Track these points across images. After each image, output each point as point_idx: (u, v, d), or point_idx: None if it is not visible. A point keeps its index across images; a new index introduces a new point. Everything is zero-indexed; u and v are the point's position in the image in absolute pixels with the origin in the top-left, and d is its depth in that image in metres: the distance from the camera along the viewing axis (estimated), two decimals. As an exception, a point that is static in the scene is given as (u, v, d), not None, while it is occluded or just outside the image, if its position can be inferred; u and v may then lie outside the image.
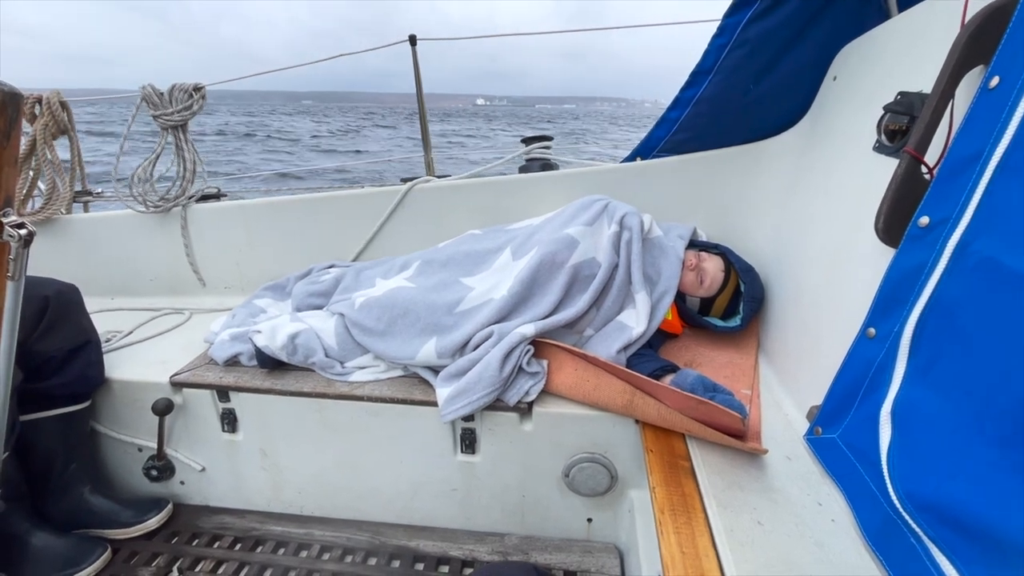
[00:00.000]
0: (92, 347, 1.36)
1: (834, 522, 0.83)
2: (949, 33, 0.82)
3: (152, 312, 1.83)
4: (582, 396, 1.20)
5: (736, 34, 1.39)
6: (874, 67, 1.14)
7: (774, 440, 1.03)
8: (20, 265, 0.83)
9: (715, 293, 1.43)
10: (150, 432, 1.41)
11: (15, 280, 0.83)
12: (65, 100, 1.82)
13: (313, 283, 1.63)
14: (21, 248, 0.81)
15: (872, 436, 0.81)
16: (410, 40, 2.01)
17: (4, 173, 0.78)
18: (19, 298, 0.85)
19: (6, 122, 0.77)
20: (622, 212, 1.40)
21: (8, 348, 0.88)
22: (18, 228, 0.80)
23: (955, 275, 0.72)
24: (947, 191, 0.75)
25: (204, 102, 1.79)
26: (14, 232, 0.80)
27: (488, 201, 1.81)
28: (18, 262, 0.82)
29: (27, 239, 0.81)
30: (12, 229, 0.79)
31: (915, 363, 0.78)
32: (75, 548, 1.26)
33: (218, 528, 1.42)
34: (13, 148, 0.80)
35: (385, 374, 1.36)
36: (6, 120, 0.77)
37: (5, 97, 0.76)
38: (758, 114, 1.56)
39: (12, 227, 0.79)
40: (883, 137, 1.00)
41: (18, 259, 0.82)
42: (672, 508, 0.89)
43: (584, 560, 1.28)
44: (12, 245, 0.81)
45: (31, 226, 0.82)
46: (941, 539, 0.66)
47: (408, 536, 1.37)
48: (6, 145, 0.78)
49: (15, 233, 0.80)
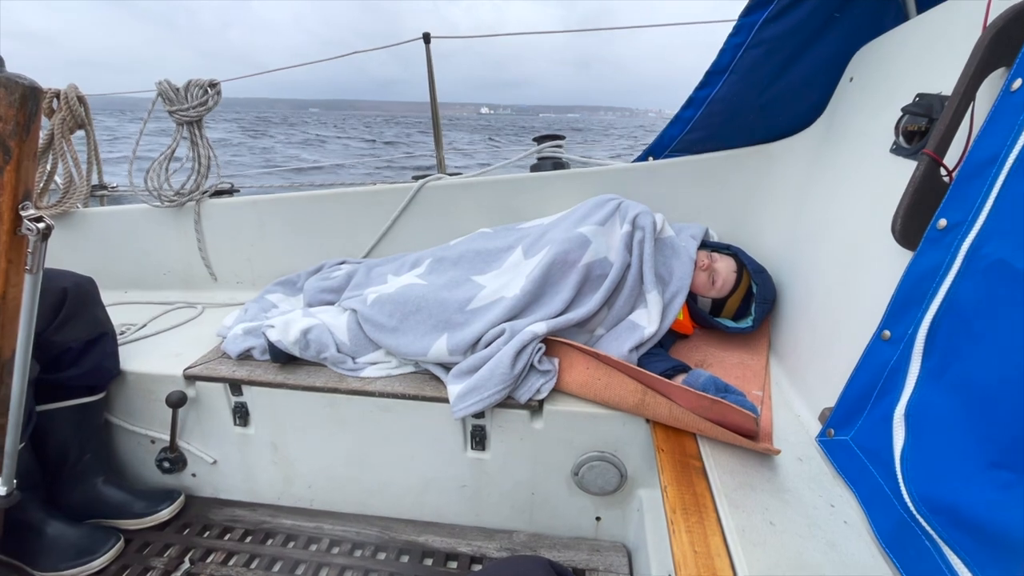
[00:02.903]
0: (108, 339, 1.38)
1: (847, 524, 0.83)
2: (970, 34, 0.81)
3: (165, 306, 1.84)
4: (593, 395, 1.20)
5: (752, 34, 1.38)
6: (892, 68, 1.14)
7: (785, 442, 1.03)
8: (38, 258, 0.83)
9: (727, 294, 1.43)
10: (163, 424, 1.42)
11: (33, 273, 0.84)
12: (83, 95, 1.84)
13: (325, 279, 1.64)
14: (39, 242, 0.82)
15: (886, 438, 0.81)
16: (424, 38, 2.02)
17: (24, 167, 0.79)
18: (36, 291, 0.86)
19: (26, 116, 0.78)
20: (635, 212, 1.40)
21: (26, 339, 0.89)
22: (36, 222, 0.81)
23: (968, 277, 0.72)
24: (966, 193, 0.75)
25: (220, 98, 1.81)
26: (32, 226, 0.80)
27: (499, 199, 1.81)
28: (36, 255, 0.83)
29: (45, 233, 0.82)
30: (31, 223, 0.80)
31: (929, 365, 0.78)
32: (89, 538, 1.28)
33: (229, 520, 1.43)
34: (32, 142, 0.81)
35: (397, 370, 1.36)
36: (26, 114, 0.78)
37: (26, 91, 0.77)
38: (773, 114, 1.55)
39: (31, 220, 0.80)
40: (901, 139, 0.99)
41: (36, 252, 0.83)
42: (684, 507, 0.89)
43: (592, 558, 1.29)
44: (30, 238, 0.82)
45: (49, 220, 0.82)
46: (955, 542, 0.65)
47: (417, 531, 1.38)
48: (26, 139, 0.78)
49: (33, 227, 0.80)
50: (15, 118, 0.77)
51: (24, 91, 0.77)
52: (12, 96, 0.76)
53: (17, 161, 0.79)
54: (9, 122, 0.77)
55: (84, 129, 1.89)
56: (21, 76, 0.77)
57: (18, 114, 0.77)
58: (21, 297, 0.86)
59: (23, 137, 0.79)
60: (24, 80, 0.77)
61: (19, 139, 0.78)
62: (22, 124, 0.78)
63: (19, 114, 0.77)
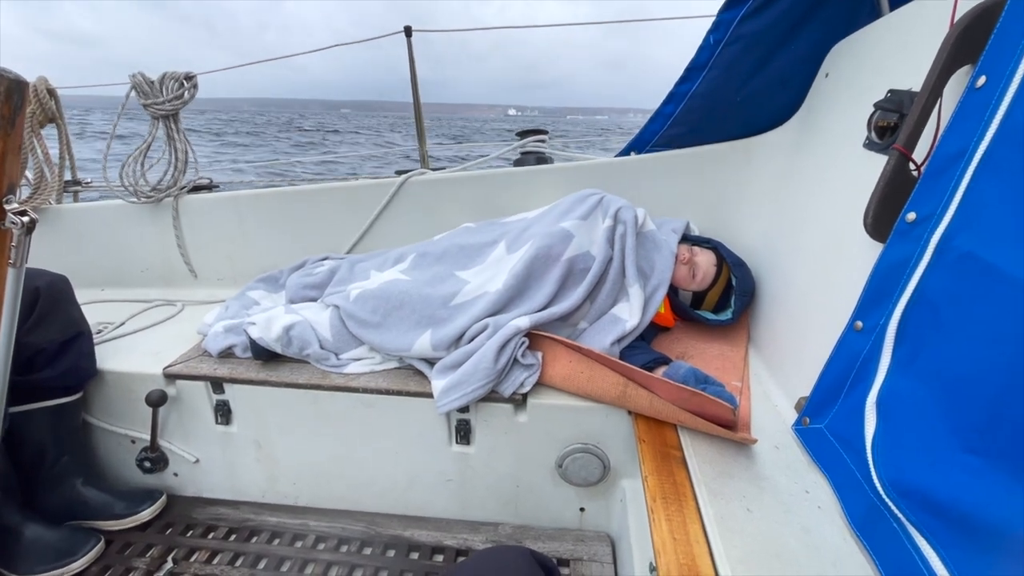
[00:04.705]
0: (84, 339, 1.35)
1: (820, 509, 0.85)
2: (938, 32, 0.83)
3: (144, 303, 1.81)
4: (576, 388, 1.21)
5: (731, 30, 1.40)
6: (865, 64, 1.16)
7: (763, 430, 1.06)
8: (22, 252, 0.83)
9: (707, 287, 1.45)
10: (143, 424, 1.40)
11: (16, 267, 0.83)
12: (53, 88, 1.79)
13: (308, 275, 1.63)
14: (23, 235, 0.82)
15: (858, 426, 0.84)
16: (405, 31, 2.00)
17: (8, 160, 0.79)
18: (20, 285, 0.85)
19: (11, 109, 0.77)
20: (616, 206, 1.42)
21: (8, 334, 0.88)
22: (20, 215, 0.80)
23: (938, 269, 0.74)
24: (933, 188, 0.77)
25: (196, 91, 1.78)
26: (16, 219, 0.80)
27: (483, 194, 1.81)
28: (20, 249, 0.83)
29: (29, 226, 0.81)
30: (15, 216, 0.80)
31: (899, 355, 0.80)
32: (68, 540, 1.26)
33: (212, 519, 1.42)
34: (17, 135, 0.80)
35: (380, 366, 1.36)
36: (11, 107, 0.77)
37: (11, 85, 0.76)
38: (751, 110, 1.57)
39: (14, 214, 0.80)
40: (873, 134, 1.01)
41: (20, 246, 0.82)
42: (664, 496, 0.91)
43: (577, 548, 1.30)
44: (14, 232, 0.81)
45: (33, 213, 0.82)
46: (922, 524, 0.68)
47: (403, 526, 1.38)
48: (10, 132, 0.78)
49: (17, 220, 0.80)
50: (0, 111, 0.77)
51: (9, 84, 0.77)
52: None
53: (1, 154, 0.79)
54: (-6, 115, 0.76)
55: (55, 123, 1.84)
56: (6, 70, 0.78)
57: (3, 107, 0.77)
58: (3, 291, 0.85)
59: (8, 131, 0.78)
60: (9, 74, 0.78)
61: (4, 132, 0.78)
62: (7, 117, 0.78)
63: (4, 107, 0.77)
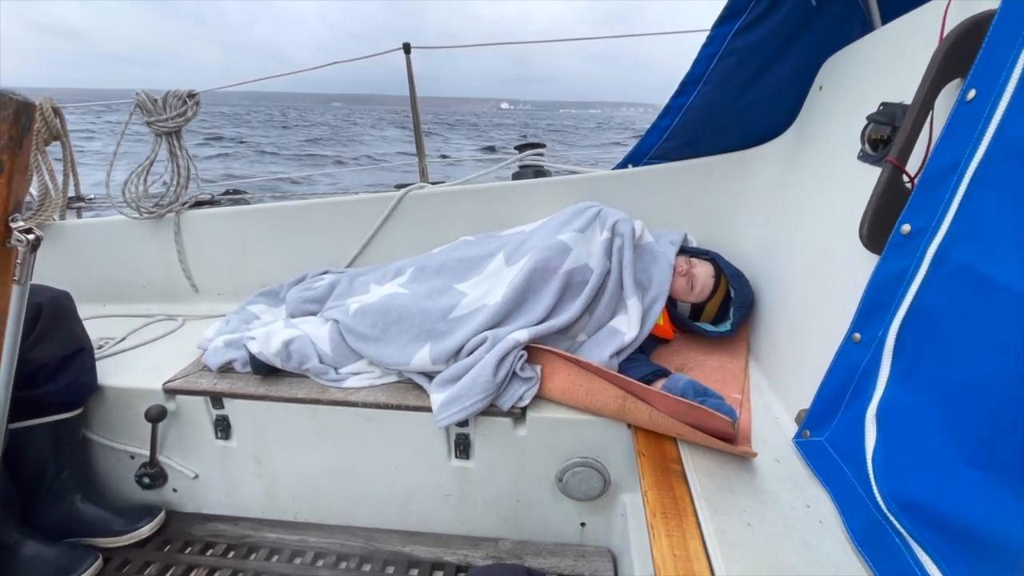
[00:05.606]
0: (85, 354, 1.35)
1: (822, 523, 0.85)
2: (929, 45, 0.84)
3: (145, 318, 1.82)
4: (575, 401, 1.21)
5: (725, 44, 1.42)
6: (858, 77, 1.17)
7: (763, 443, 1.05)
8: (27, 269, 0.85)
9: (705, 298, 1.45)
10: (142, 439, 1.40)
11: (21, 284, 0.85)
12: (58, 106, 1.82)
13: (307, 289, 1.64)
14: (29, 252, 0.83)
15: (858, 439, 0.83)
16: (404, 48, 2.03)
17: (15, 179, 0.81)
18: (24, 302, 0.86)
19: (19, 130, 0.80)
20: (614, 218, 1.42)
21: (11, 350, 0.89)
22: (26, 233, 0.82)
23: (935, 281, 0.74)
24: (927, 200, 0.77)
25: (198, 108, 1.80)
26: (22, 237, 0.82)
27: (482, 207, 1.82)
28: (25, 266, 0.84)
29: (35, 244, 0.83)
30: (20, 234, 0.82)
31: (899, 367, 0.80)
32: (66, 557, 1.25)
33: (211, 536, 1.41)
34: (24, 155, 0.83)
35: (379, 380, 1.36)
36: (19, 128, 0.80)
37: (19, 107, 0.80)
38: (747, 122, 1.58)
39: (20, 232, 0.82)
40: (867, 146, 1.02)
41: (25, 263, 0.84)
42: (664, 511, 0.90)
43: (578, 564, 1.29)
44: (20, 249, 0.83)
45: (38, 231, 0.83)
46: (924, 539, 0.67)
47: (402, 542, 1.37)
48: (18, 152, 0.81)
49: (23, 238, 0.82)
50: (8, 132, 0.80)
51: (17, 107, 0.81)
52: (5, 111, 0.79)
53: (9, 174, 0.81)
54: (2, 136, 0.80)
55: (60, 140, 1.86)
56: (14, 92, 0.81)
57: (11, 129, 0.80)
58: (8, 308, 0.86)
59: (15, 151, 0.81)
60: (17, 96, 0.81)
61: (11, 153, 0.81)
62: (15, 138, 0.81)
63: (12, 129, 0.80)
